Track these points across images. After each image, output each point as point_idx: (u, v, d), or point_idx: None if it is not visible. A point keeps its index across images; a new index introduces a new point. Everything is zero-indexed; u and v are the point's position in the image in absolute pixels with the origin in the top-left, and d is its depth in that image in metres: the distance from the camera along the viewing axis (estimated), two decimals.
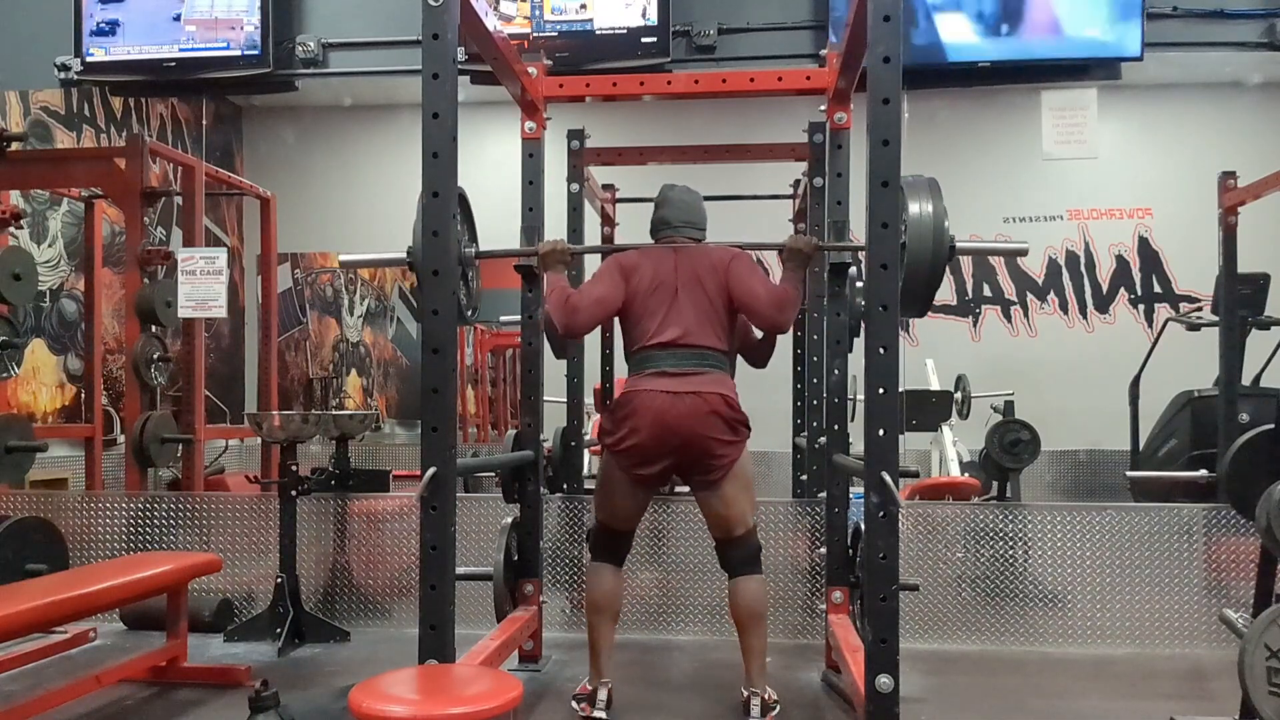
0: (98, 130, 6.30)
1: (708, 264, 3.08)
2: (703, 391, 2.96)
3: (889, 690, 2.33)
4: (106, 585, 3.04)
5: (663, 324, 3.03)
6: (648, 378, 3.02)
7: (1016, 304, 7.11)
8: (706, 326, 3.04)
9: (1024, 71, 4.50)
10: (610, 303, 3.10)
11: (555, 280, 3.13)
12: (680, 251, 3.12)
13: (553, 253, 3.16)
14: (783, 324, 3.08)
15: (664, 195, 3.28)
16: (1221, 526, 4.00)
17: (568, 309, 3.06)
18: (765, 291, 3.04)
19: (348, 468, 4.23)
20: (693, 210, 3.24)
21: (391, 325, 7.62)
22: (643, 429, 2.97)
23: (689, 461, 3.03)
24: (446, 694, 2.12)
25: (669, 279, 3.07)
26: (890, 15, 2.39)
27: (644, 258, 3.13)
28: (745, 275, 3.07)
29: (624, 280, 3.10)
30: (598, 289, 3.11)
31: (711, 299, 3.05)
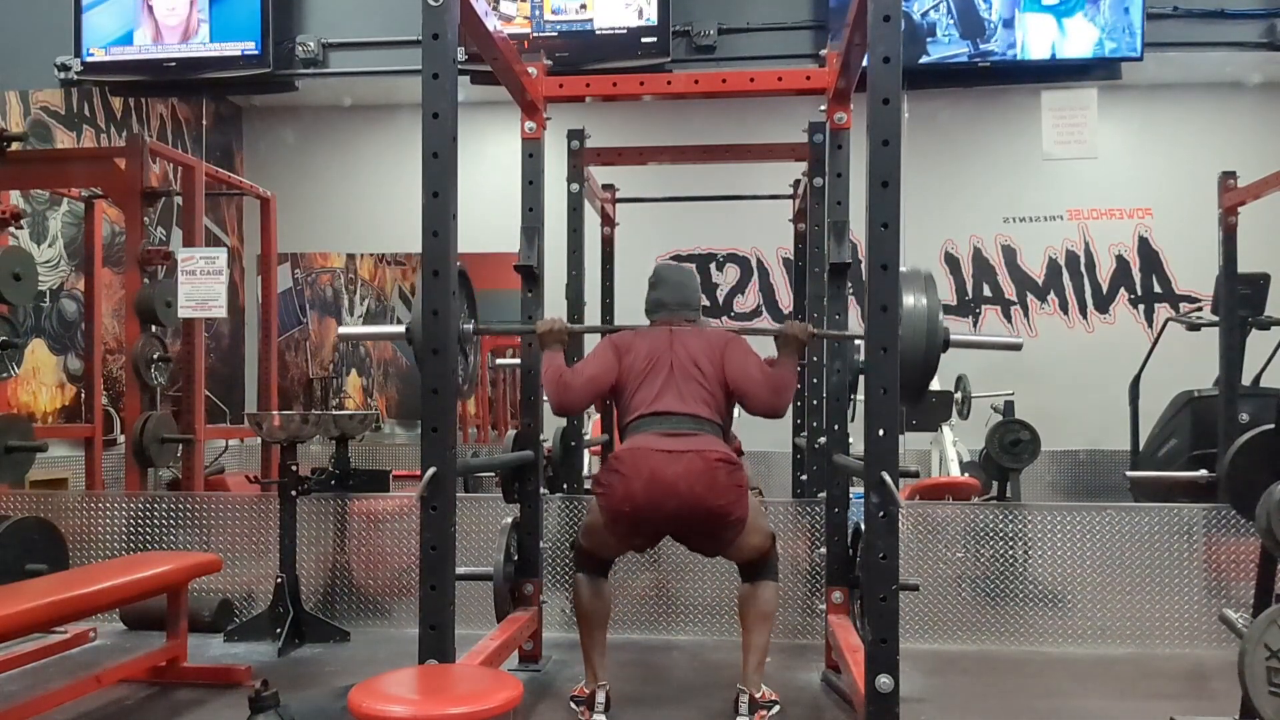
0: (98, 130, 6.30)
1: (703, 345, 3.09)
2: (702, 450, 2.89)
3: (889, 690, 2.33)
4: (106, 585, 3.04)
5: (658, 396, 3.01)
6: (642, 437, 2.96)
7: (1016, 304, 7.10)
8: (702, 402, 3.01)
9: (1024, 71, 4.50)
10: (603, 381, 3.11)
11: (550, 358, 3.15)
12: (676, 332, 3.12)
13: (550, 332, 3.17)
14: (780, 408, 3.07)
15: (658, 275, 3.29)
16: (1221, 526, 4.00)
17: (560, 386, 3.08)
18: (762, 375, 3.04)
19: (348, 468, 4.23)
20: (687, 291, 3.25)
21: (391, 325, 7.61)
22: (637, 488, 2.86)
23: (693, 527, 2.95)
24: (446, 694, 2.12)
25: (664, 357, 3.06)
26: (890, 15, 2.39)
27: (639, 338, 3.15)
28: (741, 358, 3.08)
29: (617, 359, 3.11)
30: (590, 368, 3.13)
31: (707, 378, 3.03)
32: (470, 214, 2.89)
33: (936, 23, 4.39)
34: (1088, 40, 4.37)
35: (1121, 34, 4.34)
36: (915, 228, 3.79)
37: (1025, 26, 4.40)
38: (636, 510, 2.88)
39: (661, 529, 2.99)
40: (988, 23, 4.39)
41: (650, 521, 2.93)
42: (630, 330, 3.22)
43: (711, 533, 2.95)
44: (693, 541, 3.05)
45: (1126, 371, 5.95)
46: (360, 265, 7.63)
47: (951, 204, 7.00)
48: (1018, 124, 6.09)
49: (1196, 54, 4.64)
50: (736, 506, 2.89)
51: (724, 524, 2.91)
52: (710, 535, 2.97)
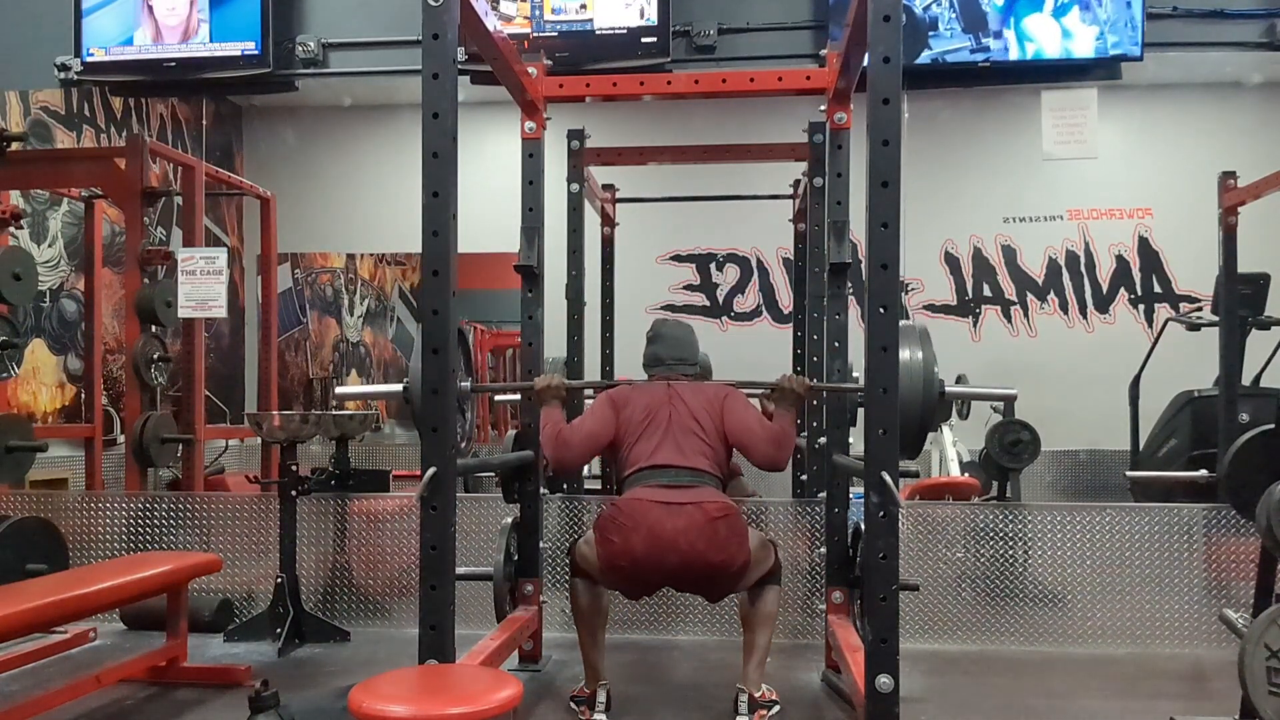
0: (98, 130, 6.30)
1: (702, 400, 3.09)
2: (702, 502, 2.88)
3: (889, 690, 2.33)
4: (106, 585, 3.04)
5: (657, 449, 3.01)
6: (641, 489, 2.95)
7: (1016, 304, 7.10)
8: (701, 456, 3.01)
9: (1024, 71, 4.50)
10: (601, 437, 3.11)
11: (549, 414, 3.15)
12: (674, 387, 3.13)
13: (548, 389, 3.18)
14: (781, 461, 3.06)
15: (656, 331, 3.30)
16: (1221, 526, 4.00)
17: (559, 443, 3.08)
18: (762, 429, 3.05)
19: (348, 468, 4.23)
20: (685, 346, 3.26)
21: (391, 325, 7.62)
22: (636, 542, 2.85)
23: (696, 581, 2.94)
24: (446, 694, 2.12)
25: (662, 411, 3.07)
26: (890, 15, 2.38)
27: (637, 392, 3.15)
28: (740, 412, 3.08)
29: (615, 414, 3.11)
30: (588, 424, 3.14)
31: (706, 432, 3.04)
32: (470, 214, 2.89)
33: (939, 16, 4.39)
34: (1088, 40, 4.37)
35: (1122, 33, 4.34)
36: (915, 228, 3.80)
37: (1025, 26, 4.40)
38: (636, 565, 2.88)
39: (660, 583, 2.98)
40: (989, 18, 4.39)
41: (649, 576, 2.92)
42: (628, 385, 3.24)
43: (716, 584, 2.96)
44: (697, 590, 3.04)
45: (1126, 371, 5.95)
46: (360, 265, 7.64)
47: (951, 204, 7.00)
48: (1018, 124, 6.09)
49: (1196, 54, 4.64)
50: (738, 556, 2.89)
51: (727, 576, 2.91)
52: (715, 586, 2.98)
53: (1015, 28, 4.40)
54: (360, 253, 7.59)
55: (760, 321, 7.09)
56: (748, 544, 2.92)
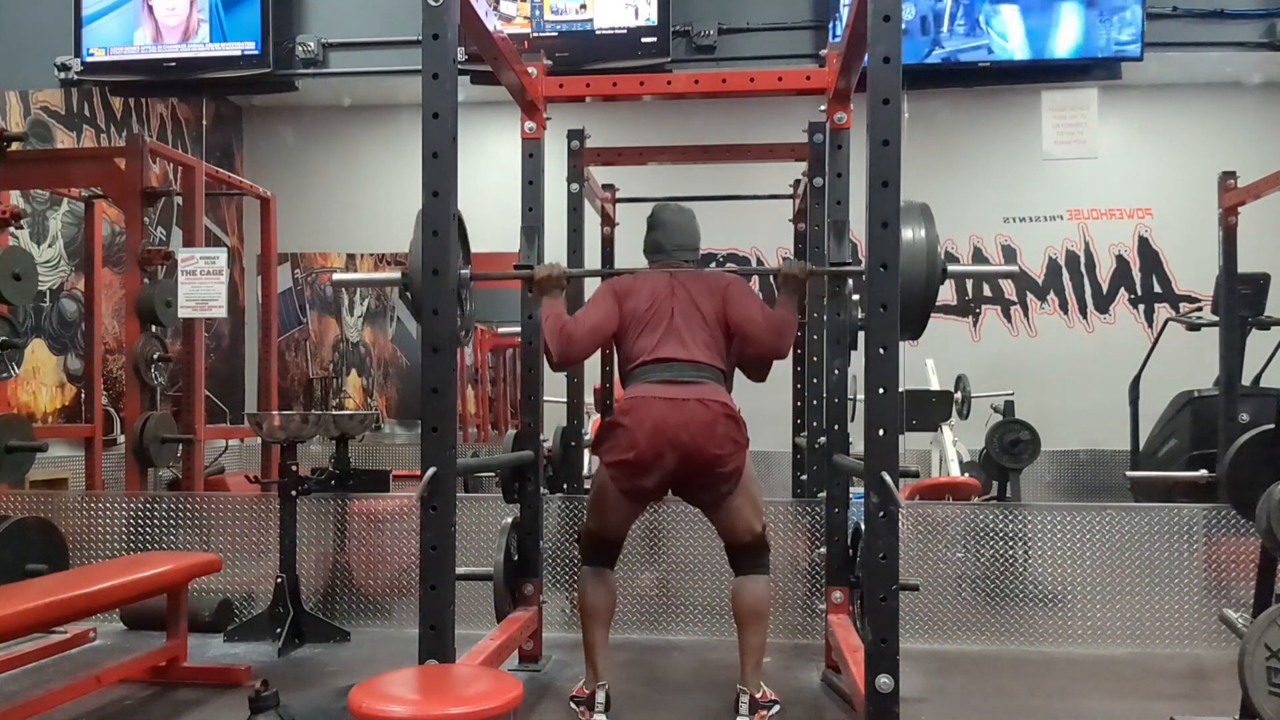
0: (98, 130, 6.30)
1: (704, 288, 3.08)
2: (705, 399, 2.91)
3: (889, 690, 2.33)
4: (106, 585, 3.04)
5: (660, 342, 3.01)
6: (645, 386, 2.97)
7: (1016, 304, 7.11)
8: (704, 346, 3.01)
9: (1024, 71, 4.50)
10: (604, 329, 3.09)
11: (551, 306, 3.10)
12: (676, 275, 3.11)
13: (549, 278, 3.12)
14: (782, 349, 3.06)
15: (656, 217, 3.27)
16: (1221, 526, 4.00)
17: (562, 337, 3.05)
18: (763, 317, 3.03)
19: (348, 468, 4.23)
20: (686, 233, 3.24)
21: (391, 325, 7.62)
22: (640, 437, 2.89)
23: (691, 477, 2.96)
24: (446, 694, 2.12)
25: (665, 301, 3.05)
26: (890, 15, 2.38)
27: (639, 281, 3.13)
28: (742, 300, 3.07)
29: (618, 305, 3.09)
30: (592, 316, 3.11)
31: (708, 321, 3.03)
32: (470, 214, 2.90)
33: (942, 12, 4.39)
34: (1088, 40, 4.36)
35: (1122, 33, 4.34)
36: None
37: (1025, 26, 4.40)
38: (640, 456, 2.90)
39: (663, 478, 2.97)
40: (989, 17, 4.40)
41: (653, 469, 2.93)
42: (629, 274, 3.20)
43: (708, 482, 2.96)
44: (690, 491, 3.05)
45: (1126, 371, 5.95)
46: (360, 265, 7.64)
47: (951, 204, 6.98)
48: (1018, 124, 6.10)
49: (1196, 54, 4.64)
50: (732, 459, 2.92)
51: (720, 475, 2.93)
52: (707, 485, 2.98)
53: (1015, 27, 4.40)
54: (360, 253, 7.59)
55: None
56: (744, 455, 2.95)
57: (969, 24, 4.38)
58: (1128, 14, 4.33)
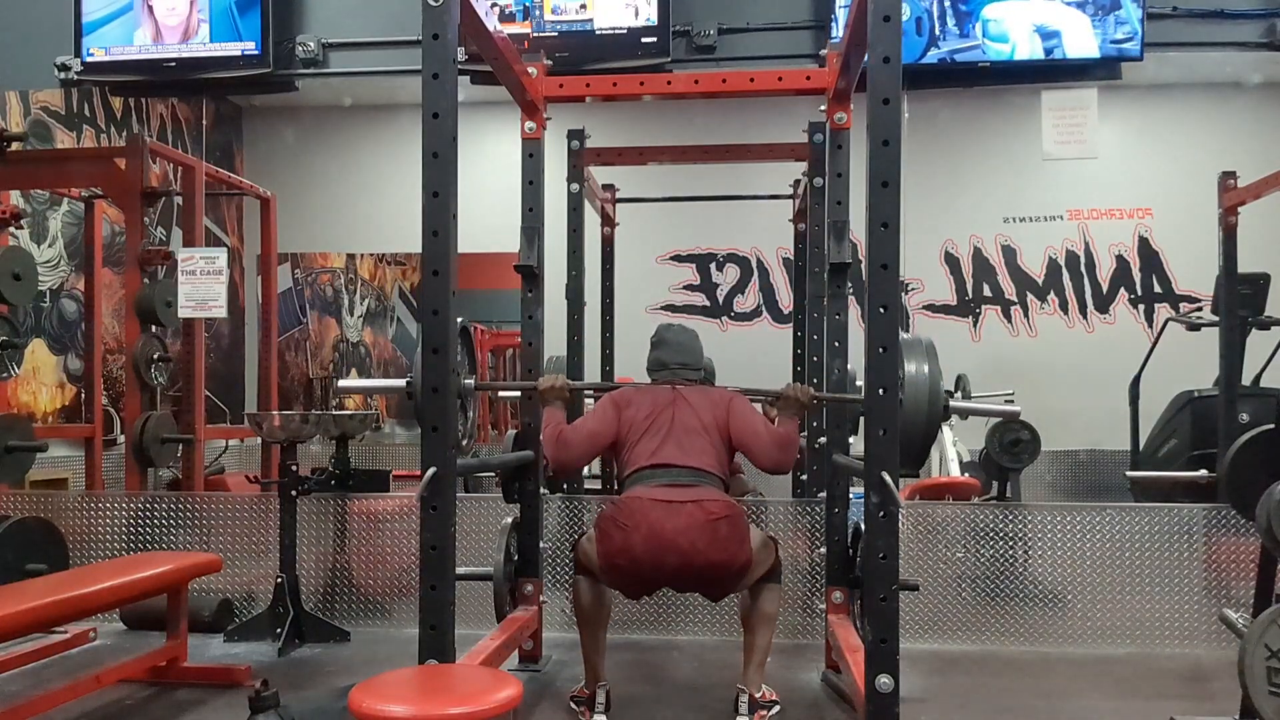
0: (98, 130, 6.30)
1: (707, 401, 3.10)
2: (703, 500, 2.87)
3: (889, 690, 2.33)
4: (106, 585, 3.04)
5: (659, 448, 3.00)
6: (642, 488, 2.95)
7: (1016, 304, 7.10)
8: (702, 453, 3.00)
9: (1024, 71, 4.50)
10: (603, 436, 3.11)
11: (551, 415, 3.15)
12: (679, 389, 3.13)
13: (551, 389, 3.18)
14: (786, 463, 3.07)
15: (660, 336, 3.29)
16: (1221, 526, 4.00)
17: (560, 443, 3.08)
18: (767, 432, 3.05)
19: (348, 468, 4.23)
20: (689, 351, 3.25)
21: (391, 325, 7.62)
22: (636, 542, 2.83)
23: (694, 581, 2.94)
24: (446, 694, 2.12)
25: (665, 411, 3.07)
26: (890, 15, 2.38)
27: (640, 393, 3.16)
28: (746, 414, 3.09)
29: (617, 413, 3.11)
30: (590, 424, 3.14)
31: (709, 433, 3.04)
32: (470, 214, 2.89)
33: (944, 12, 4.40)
34: (1088, 40, 4.36)
35: (1121, 33, 4.34)
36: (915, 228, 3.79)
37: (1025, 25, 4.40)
38: (635, 564, 2.86)
39: (661, 582, 2.96)
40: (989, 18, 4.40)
41: (648, 576, 2.91)
42: (633, 387, 3.24)
43: (716, 583, 2.95)
44: (696, 590, 3.04)
45: (1126, 371, 5.95)
46: (360, 265, 7.64)
47: (951, 204, 7.00)
48: (1018, 124, 6.09)
49: (1196, 54, 4.64)
50: (739, 555, 2.88)
51: (728, 575, 2.90)
52: (715, 585, 2.97)
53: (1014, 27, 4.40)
54: (360, 253, 7.59)
55: (760, 321, 7.09)
56: (749, 543, 2.91)
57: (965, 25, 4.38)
58: (1127, 14, 4.33)
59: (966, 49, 4.39)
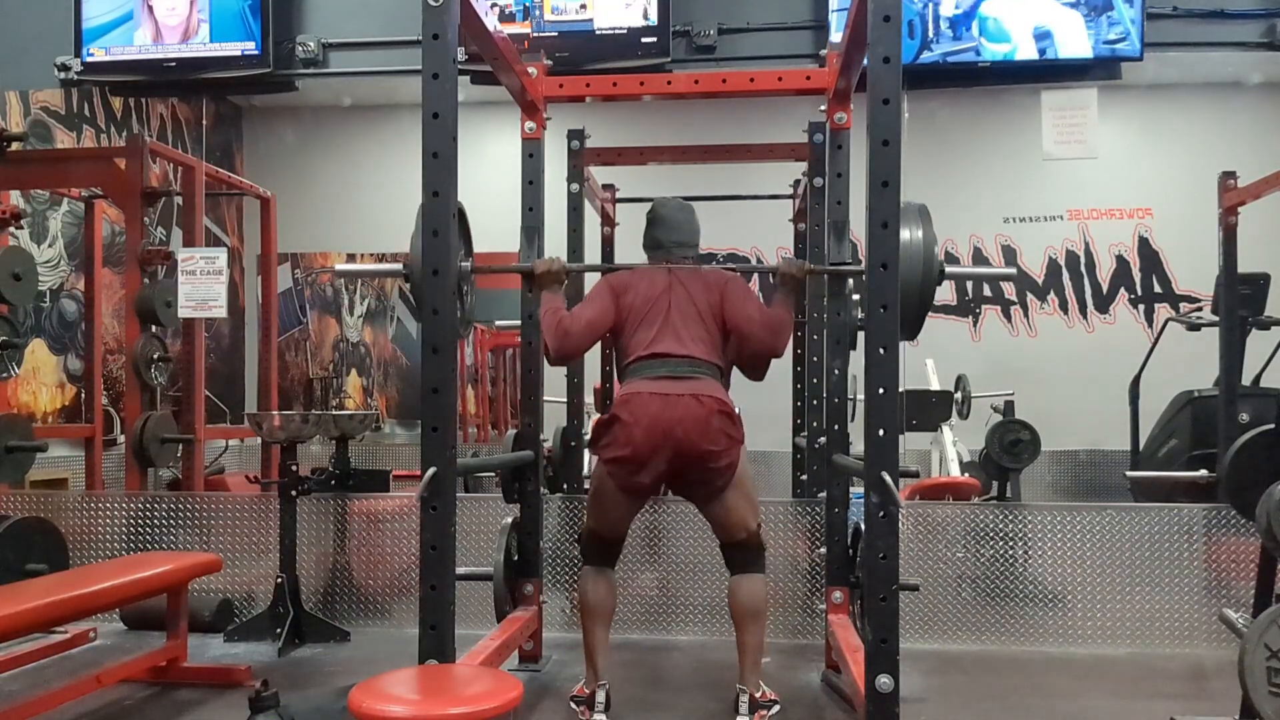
0: (98, 130, 6.30)
1: (702, 285, 3.08)
2: (700, 394, 2.92)
3: (889, 690, 2.33)
4: (106, 585, 3.04)
5: (656, 337, 3.01)
6: (640, 382, 2.98)
7: (1016, 304, 7.11)
8: (700, 342, 3.01)
9: (1024, 71, 4.50)
10: (601, 324, 3.10)
11: (549, 301, 3.12)
12: (674, 271, 3.12)
13: (548, 272, 3.14)
14: (778, 348, 3.06)
15: (655, 213, 3.26)
16: (1221, 526, 4.00)
17: (559, 332, 3.06)
18: (760, 315, 3.04)
19: (348, 468, 4.23)
20: (686, 229, 3.24)
21: (391, 325, 7.62)
22: (637, 434, 2.90)
23: (685, 471, 2.97)
24: (446, 694, 2.12)
25: (662, 297, 3.06)
26: (890, 15, 2.38)
27: (637, 277, 3.13)
28: (740, 298, 3.07)
29: (615, 300, 3.10)
30: (588, 311, 3.11)
31: (705, 318, 3.04)
32: (470, 214, 2.90)
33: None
34: (1088, 40, 4.36)
35: (1121, 33, 4.34)
36: None
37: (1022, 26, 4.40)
38: (636, 453, 2.91)
39: (659, 473, 2.98)
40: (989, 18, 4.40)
41: (649, 465, 2.93)
42: (627, 270, 3.20)
43: (703, 478, 2.97)
44: (686, 487, 3.05)
45: (1126, 371, 5.95)
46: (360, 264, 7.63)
47: (951, 204, 6.99)
48: (1018, 124, 6.08)
49: (1196, 54, 4.64)
50: (726, 454, 2.92)
51: (715, 470, 2.93)
52: (702, 481, 2.99)
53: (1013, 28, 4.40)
54: (360, 253, 7.59)
55: None
56: (738, 451, 2.96)
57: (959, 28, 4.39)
58: (1120, 14, 4.33)
59: (959, 51, 4.40)
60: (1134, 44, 4.33)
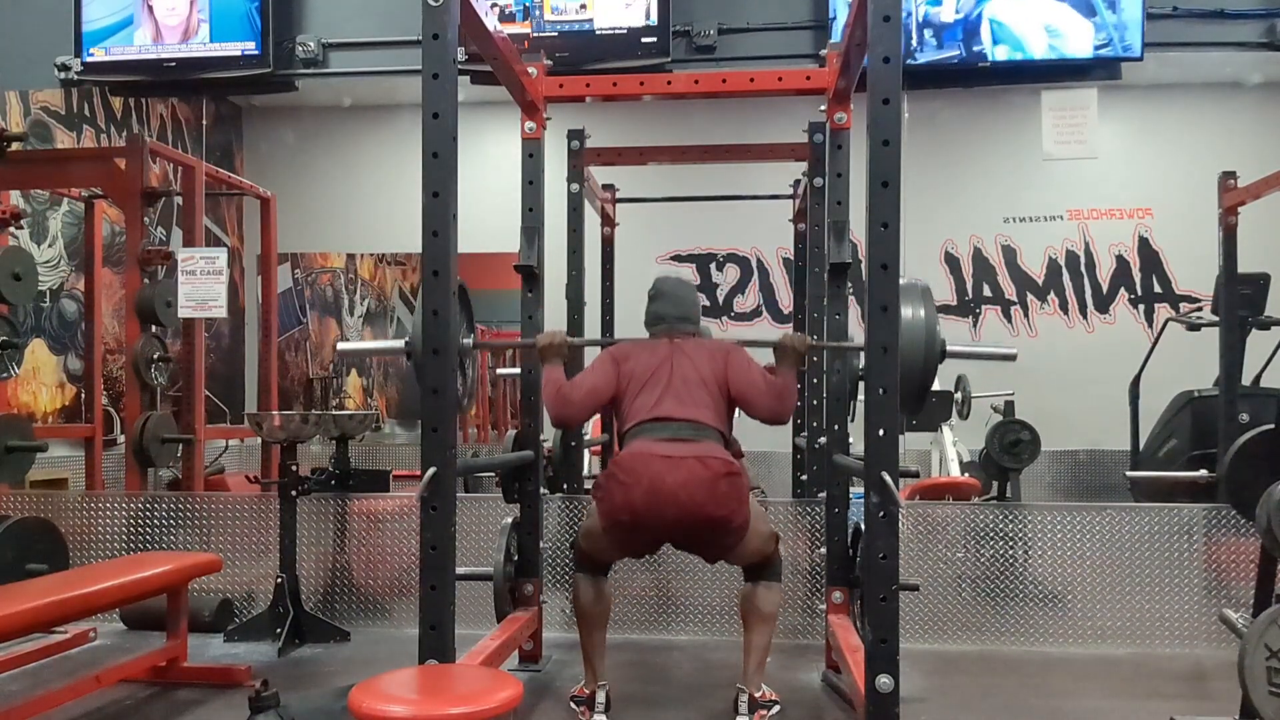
0: (98, 130, 6.30)
1: (705, 354, 3.08)
2: (704, 456, 2.84)
3: (889, 690, 2.33)
4: (106, 585, 3.04)
5: (658, 401, 2.99)
6: (642, 442, 2.93)
7: (1016, 304, 7.11)
8: (704, 406, 2.99)
9: (1024, 71, 4.50)
10: (602, 391, 3.10)
11: (550, 372, 3.14)
12: (677, 342, 3.12)
13: (550, 345, 3.17)
14: (783, 414, 3.06)
15: (657, 289, 3.28)
16: (1221, 526, 4.00)
17: (560, 400, 3.07)
18: (765, 382, 3.04)
19: (348, 468, 4.23)
20: (686, 304, 3.24)
21: (391, 325, 7.62)
22: (637, 496, 2.81)
23: (692, 536, 2.92)
24: (446, 694, 2.12)
25: (664, 365, 3.05)
26: (890, 15, 2.39)
27: (638, 347, 3.14)
28: (743, 366, 3.08)
29: (616, 368, 3.10)
30: (589, 379, 3.12)
31: (708, 384, 3.02)
32: (470, 214, 2.90)
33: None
34: (1088, 40, 4.37)
35: (1122, 33, 4.34)
36: (915, 228, 3.79)
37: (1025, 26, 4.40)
38: (636, 518, 2.85)
39: (661, 537, 2.95)
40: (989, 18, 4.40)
41: (650, 529, 2.89)
42: (630, 341, 3.22)
43: (713, 540, 2.93)
44: (694, 548, 3.03)
45: (1126, 371, 5.95)
46: (360, 265, 7.64)
47: (951, 204, 7.00)
48: (1018, 124, 6.10)
49: (1196, 54, 4.64)
50: (737, 514, 2.86)
51: (725, 532, 2.88)
52: (711, 543, 2.95)
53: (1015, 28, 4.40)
54: (360, 253, 7.60)
55: (760, 321, 7.10)
56: (748, 505, 2.90)
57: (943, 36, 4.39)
58: (1127, 14, 4.33)
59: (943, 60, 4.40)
60: (1134, 44, 4.33)
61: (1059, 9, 4.38)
